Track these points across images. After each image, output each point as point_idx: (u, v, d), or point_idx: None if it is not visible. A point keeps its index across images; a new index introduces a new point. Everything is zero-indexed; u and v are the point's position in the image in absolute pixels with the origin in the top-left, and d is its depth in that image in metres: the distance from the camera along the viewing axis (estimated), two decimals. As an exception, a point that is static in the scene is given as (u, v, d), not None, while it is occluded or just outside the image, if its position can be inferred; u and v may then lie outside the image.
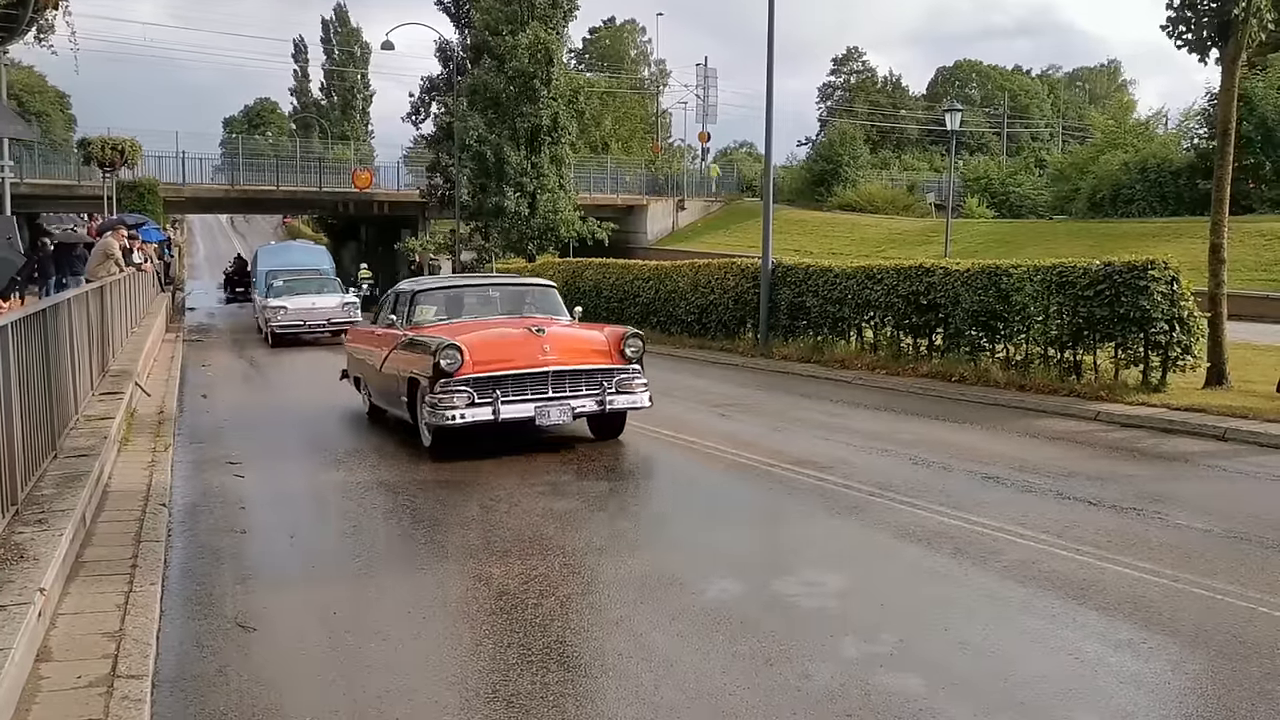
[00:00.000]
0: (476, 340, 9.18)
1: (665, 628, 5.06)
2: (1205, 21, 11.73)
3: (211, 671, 4.62)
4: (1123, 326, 11.78)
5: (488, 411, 8.81)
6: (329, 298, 23.99)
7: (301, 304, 23.29)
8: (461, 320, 10.38)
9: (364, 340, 11.92)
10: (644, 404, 9.51)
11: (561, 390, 9.15)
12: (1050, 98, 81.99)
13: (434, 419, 8.92)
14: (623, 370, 9.42)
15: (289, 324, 22.80)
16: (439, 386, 8.83)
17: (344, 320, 22.51)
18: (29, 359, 6.23)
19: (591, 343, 9.58)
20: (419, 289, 11.02)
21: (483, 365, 8.89)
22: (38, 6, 11.75)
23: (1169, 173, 38.38)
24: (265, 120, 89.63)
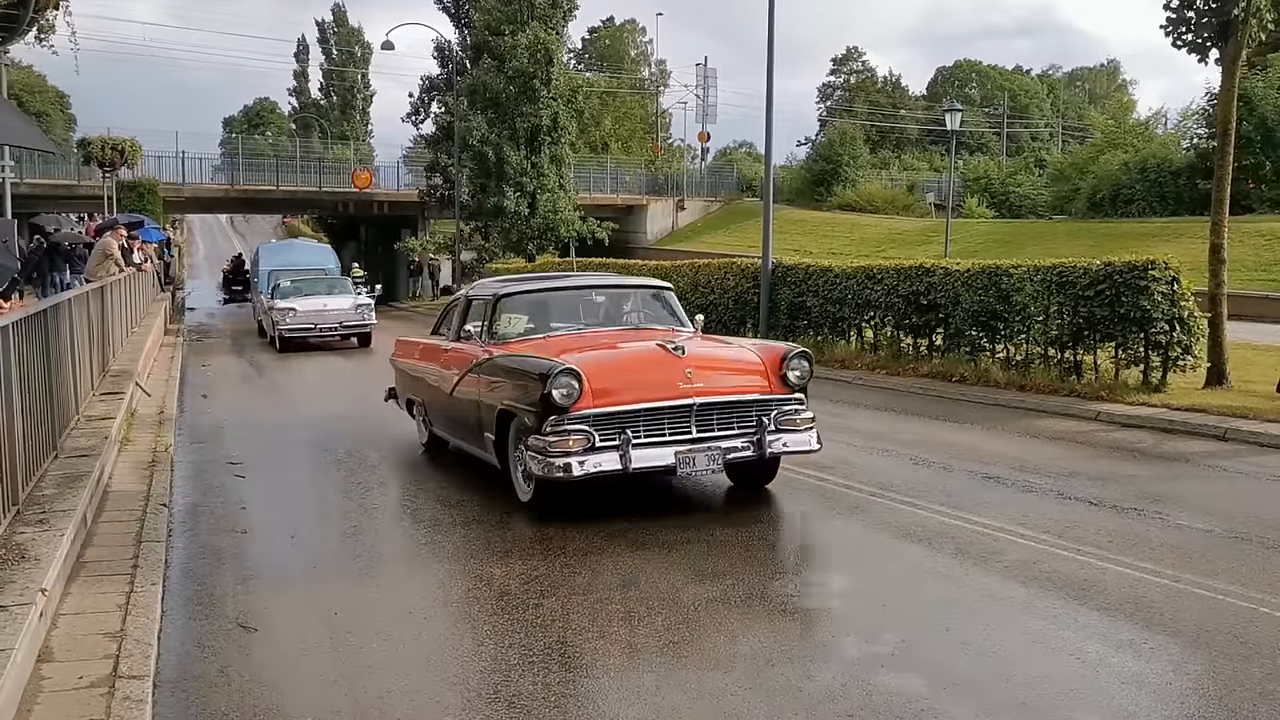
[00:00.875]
0: (598, 363, 7.08)
1: (666, 628, 5.05)
2: (1205, 22, 11.73)
3: (213, 672, 4.62)
4: (1123, 326, 11.78)
5: (614, 459, 6.70)
6: (341, 299, 22.23)
7: (312, 306, 21.46)
8: (562, 333, 8.18)
9: (424, 357, 9.59)
10: (811, 446, 7.44)
11: (708, 428, 7.08)
12: (1050, 98, 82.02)
13: (541, 468, 6.75)
14: (784, 401, 7.34)
15: (299, 327, 21.15)
16: (550, 426, 6.70)
17: (357, 323, 21.54)
18: (30, 359, 6.23)
19: (745, 365, 7.48)
20: (504, 292, 8.53)
21: (607, 397, 6.81)
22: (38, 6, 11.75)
23: (1169, 173, 38.40)
24: (265, 120, 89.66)
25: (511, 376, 7.35)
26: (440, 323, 10.15)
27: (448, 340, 9.10)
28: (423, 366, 9.52)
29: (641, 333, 8.20)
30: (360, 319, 21.56)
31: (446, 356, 8.82)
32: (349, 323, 21.56)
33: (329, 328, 21.44)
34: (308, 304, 21.42)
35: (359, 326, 21.57)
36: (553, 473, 6.71)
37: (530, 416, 6.91)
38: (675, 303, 8.87)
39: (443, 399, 8.72)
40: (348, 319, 21.57)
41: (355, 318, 21.57)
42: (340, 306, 21.68)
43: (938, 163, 61.97)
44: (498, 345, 7.95)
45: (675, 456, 6.89)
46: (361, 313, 21.64)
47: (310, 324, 21.19)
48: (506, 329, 8.21)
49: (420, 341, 10.16)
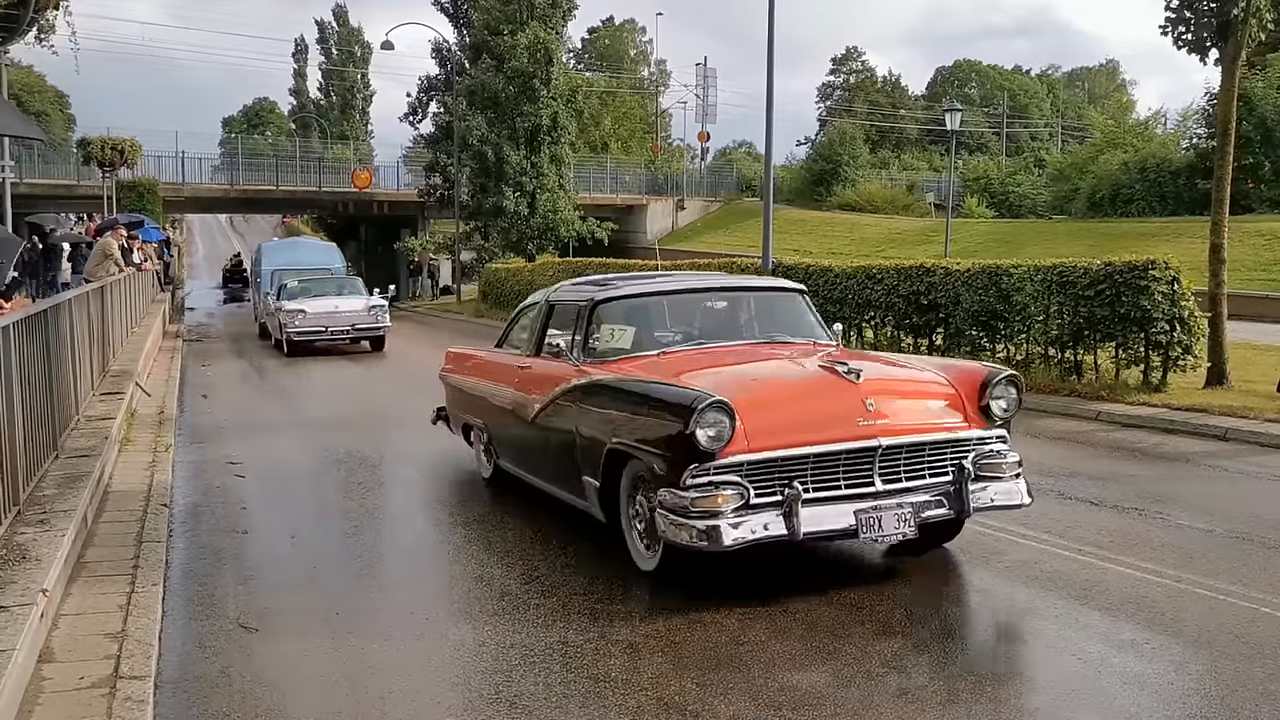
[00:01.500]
0: (753, 393, 5.49)
1: (668, 627, 5.05)
2: (1205, 21, 11.72)
3: (214, 672, 4.62)
4: (1123, 326, 11.78)
5: (776, 521, 5.17)
6: (353, 300, 20.94)
7: (322, 307, 20.16)
8: (680, 349, 6.51)
9: (490, 374, 8.00)
10: (1023, 499, 5.80)
11: (894, 477, 5.49)
12: (1049, 98, 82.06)
13: (678, 532, 5.19)
14: (983, 440, 5.74)
15: (308, 329, 19.87)
16: (690, 476, 5.14)
17: (370, 326, 20.30)
18: (30, 359, 6.23)
19: (934, 392, 5.86)
20: (602, 297, 6.80)
21: (767, 437, 5.25)
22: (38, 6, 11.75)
23: (1168, 173, 38.43)
24: (264, 120, 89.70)
25: (631, 408, 5.71)
26: (508, 332, 8.40)
27: (523, 355, 7.48)
28: (487, 386, 7.95)
29: (778, 348, 6.57)
30: (374, 321, 20.35)
31: (524, 376, 7.21)
32: (361, 325, 20.30)
33: (340, 330, 20.12)
34: (318, 305, 20.23)
35: (372, 329, 20.39)
36: (694, 539, 5.12)
37: (660, 462, 5.33)
38: (811, 309, 7.23)
39: (517, 428, 7.21)
40: (360, 321, 20.29)
41: (368, 320, 20.31)
42: (352, 308, 20.44)
43: (937, 163, 61.99)
44: (598, 364, 6.37)
45: (856, 516, 5.30)
46: (375, 315, 20.39)
47: (321, 326, 19.92)
48: (608, 343, 6.55)
49: (481, 355, 8.64)
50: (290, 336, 19.88)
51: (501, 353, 8.16)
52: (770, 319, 7.13)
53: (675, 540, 5.24)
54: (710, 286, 7.42)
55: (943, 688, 4.32)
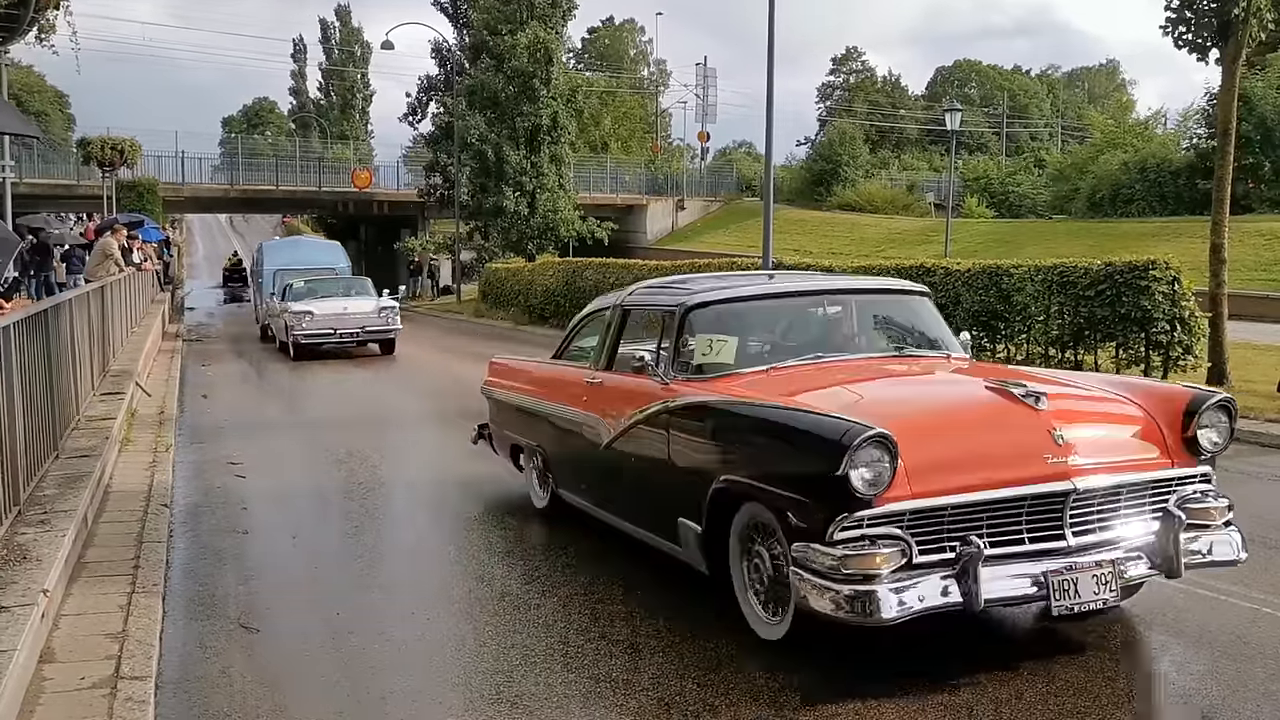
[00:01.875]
0: (916, 423, 4.47)
1: (670, 628, 5.04)
2: (1205, 22, 11.73)
3: (215, 672, 4.62)
4: (1124, 326, 11.78)
5: (949, 585, 4.17)
6: (362, 301, 20.06)
7: (330, 309, 19.26)
8: (794, 363, 5.46)
9: (549, 389, 6.96)
10: (1239, 554, 4.79)
11: (1087, 528, 4.48)
12: (1049, 98, 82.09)
13: (822, 598, 4.18)
14: (1188, 479, 4.74)
15: (316, 332, 18.97)
16: (840, 527, 4.18)
17: (380, 328, 19.50)
18: (31, 359, 6.23)
19: (1127, 419, 4.81)
20: (696, 301, 5.69)
21: (934, 478, 4.26)
22: (39, 6, 11.76)
23: (1168, 173, 38.45)
24: (264, 120, 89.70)
25: (752, 438, 4.78)
26: (569, 342, 7.33)
27: (590, 368, 6.42)
28: (546, 403, 6.89)
29: (910, 363, 5.65)
30: (384, 323, 19.53)
31: (594, 393, 6.18)
32: (371, 327, 19.48)
33: (349, 333, 19.26)
34: (326, 307, 19.31)
35: (382, 331, 19.56)
36: (843, 609, 4.12)
37: (797, 510, 4.33)
38: (938, 315, 6.16)
39: (584, 454, 6.25)
40: (370, 323, 19.45)
41: (379, 322, 19.48)
42: (362, 309, 19.59)
43: (937, 162, 62.02)
44: (694, 382, 5.30)
45: (1045, 579, 4.26)
46: (385, 316, 19.59)
47: (329, 329, 19.04)
48: (706, 357, 5.42)
49: (536, 366, 7.61)
50: (297, 339, 18.96)
51: (562, 365, 7.10)
52: (895, 327, 6.10)
53: (816, 608, 4.20)
54: (823, 289, 6.30)
55: (940, 685, 4.32)
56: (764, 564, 4.67)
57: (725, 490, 4.78)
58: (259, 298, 26.55)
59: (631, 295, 6.45)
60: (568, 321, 27.26)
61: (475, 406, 11.41)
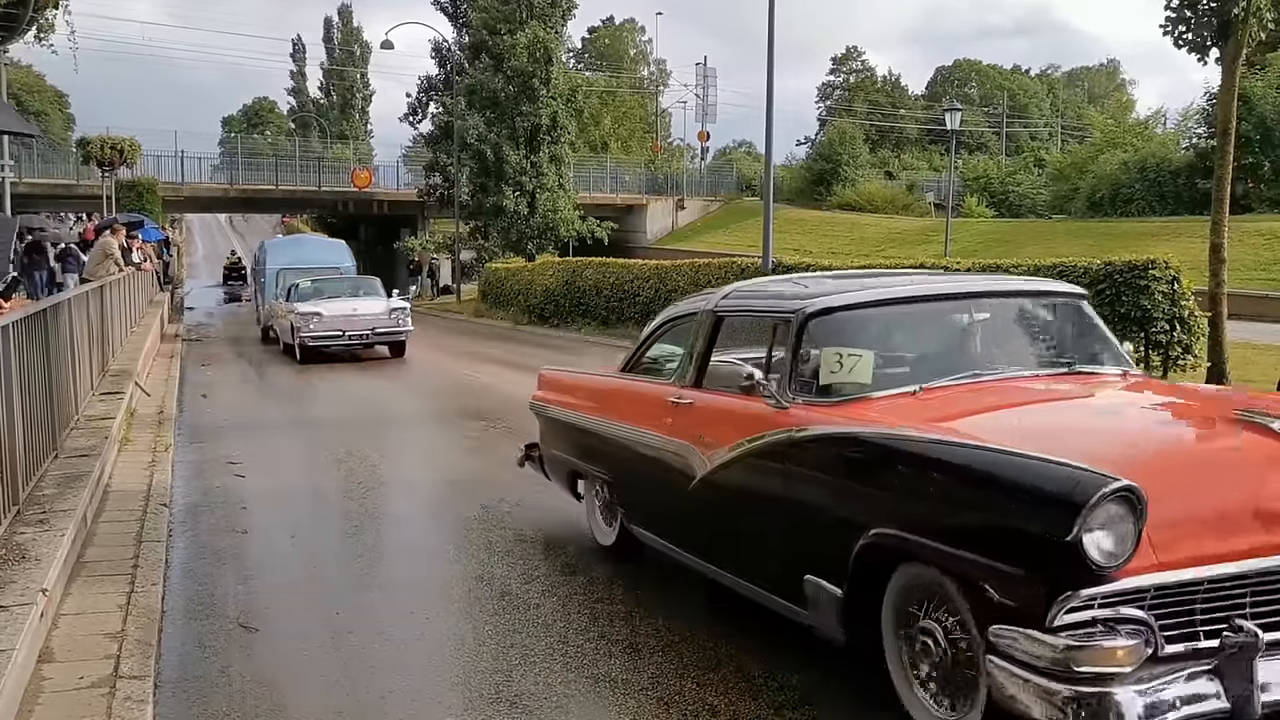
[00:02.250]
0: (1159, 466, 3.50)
1: (670, 628, 5.04)
2: (1205, 21, 11.72)
3: (214, 672, 4.62)
4: (1123, 326, 11.74)
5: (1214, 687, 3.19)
6: (372, 302, 19.36)
7: (339, 309, 18.55)
8: (953, 383, 4.47)
9: (618, 407, 5.93)
10: None
11: None
12: (1049, 97, 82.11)
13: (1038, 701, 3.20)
14: None
15: (324, 334, 18.25)
16: (1065, 608, 3.19)
17: (390, 330, 18.68)
18: (30, 358, 6.22)
19: None
20: (815, 307, 4.62)
21: (1185, 543, 3.30)
22: (38, 6, 11.77)
23: (1168, 172, 38.46)
24: (264, 120, 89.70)
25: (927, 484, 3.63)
26: (642, 351, 6.17)
27: (673, 384, 5.39)
28: (615, 425, 5.86)
29: (1086, 381, 4.67)
30: (394, 325, 18.67)
31: (681, 415, 5.18)
32: (382, 329, 18.61)
33: (359, 335, 18.46)
34: (334, 308, 18.59)
35: (392, 333, 18.72)
36: (1064, 717, 3.13)
37: (997, 582, 3.34)
38: (1099, 322, 5.11)
39: (672, 488, 5.17)
40: (380, 325, 18.62)
41: (389, 323, 18.63)
42: (372, 311, 18.80)
43: (937, 162, 62.02)
44: (821, 405, 4.31)
45: None
46: (396, 318, 18.74)
47: (337, 331, 18.27)
48: (837, 374, 4.37)
49: (601, 380, 6.55)
50: (304, 341, 18.24)
51: (634, 379, 6.04)
52: (1056, 337, 5.13)
53: (1026, 711, 3.23)
54: (970, 290, 5.14)
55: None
56: (935, 644, 3.65)
57: (878, 546, 3.79)
58: (261, 298, 25.80)
59: (728, 298, 5.34)
60: (568, 321, 27.02)
61: (474, 405, 11.45)
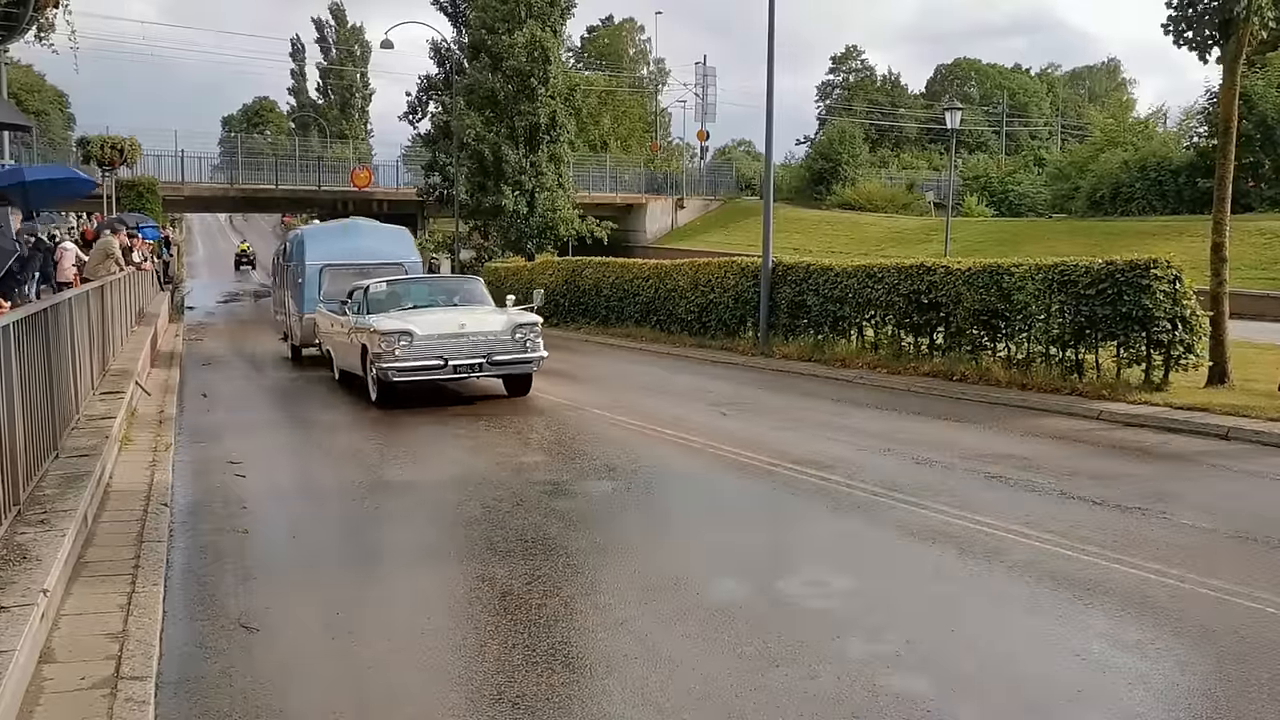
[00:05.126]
0: None
1: (670, 629, 5.04)
2: (1206, 20, 11.72)
3: (215, 672, 4.60)
4: (1125, 325, 11.77)
5: None
6: (484, 314, 13.09)
7: (438, 327, 12.35)
8: None
9: None
10: None
11: None
12: (1049, 96, 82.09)
13: None
14: None
15: (418, 364, 12.05)
16: None
17: (514, 356, 12.42)
18: (30, 359, 6.21)
19: None
20: None
21: None
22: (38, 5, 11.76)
23: (1169, 171, 38.46)
24: (264, 119, 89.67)
25: None
26: None
27: None
28: None
29: None
30: (521, 349, 12.50)
31: None
32: (502, 355, 12.38)
33: (469, 363, 12.26)
34: (430, 323, 12.42)
35: (518, 361, 12.52)
36: None
37: None
38: None
39: None
40: (500, 348, 12.38)
41: (512, 347, 12.46)
42: (487, 327, 12.53)
43: (937, 161, 62.04)
44: None
45: None
46: (524, 338, 12.55)
47: (437, 358, 12.10)
48: None
49: None
50: (386, 375, 12.03)
51: None
52: None
53: None
54: None
55: (943, 686, 4.31)
56: None
57: None
58: (293, 304, 18.16)
59: None
60: (567, 320, 26.94)
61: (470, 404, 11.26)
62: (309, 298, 17.12)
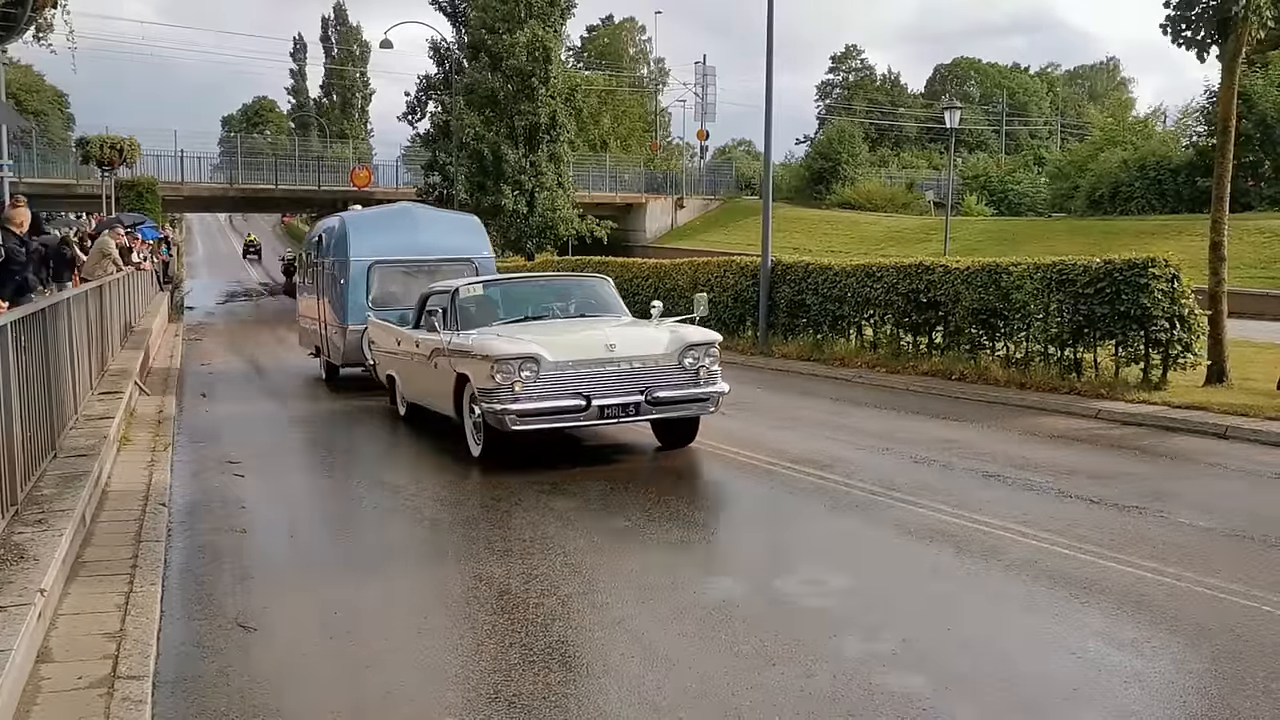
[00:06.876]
0: None
1: (667, 628, 5.04)
2: (1205, 20, 11.72)
3: (212, 672, 4.61)
4: (1123, 324, 11.77)
5: None
6: (633, 328, 9.54)
7: (578, 349, 8.79)
8: None
9: None
10: None
11: None
12: (1049, 95, 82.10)
13: None
14: None
15: (549, 405, 8.49)
16: None
17: (685, 394, 8.90)
18: (28, 358, 6.21)
19: None
20: None
21: None
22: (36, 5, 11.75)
23: (1168, 170, 38.47)
24: (264, 119, 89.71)
25: None
26: None
27: None
28: None
29: None
30: (692, 382, 8.92)
31: None
32: (668, 391, 8.81)
33: (620, 403, 8.64)
34: (566, 344, 8.85)
35: (689, 400, 8.98)
36: None
37: None
38: None
39: None
40: (663, 380, 8.82)
41: (681, 379, 8.89)
42: (645, 350, 8.91)
43: (936, 160, 62.03)
44: None
45: None
46: (695, 366, 8.92)
47: (577, 395, 8.53)
48: None
49: None
50: (505, 420, 8.40)
51: None
52: None
53: None
54: None
55: (939, 684, 4.32)
56: None
57: None
58: (330, 310, 14.71)
59: None
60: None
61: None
62: (354, 304, 13.61)
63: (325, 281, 14.99)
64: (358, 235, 14.47)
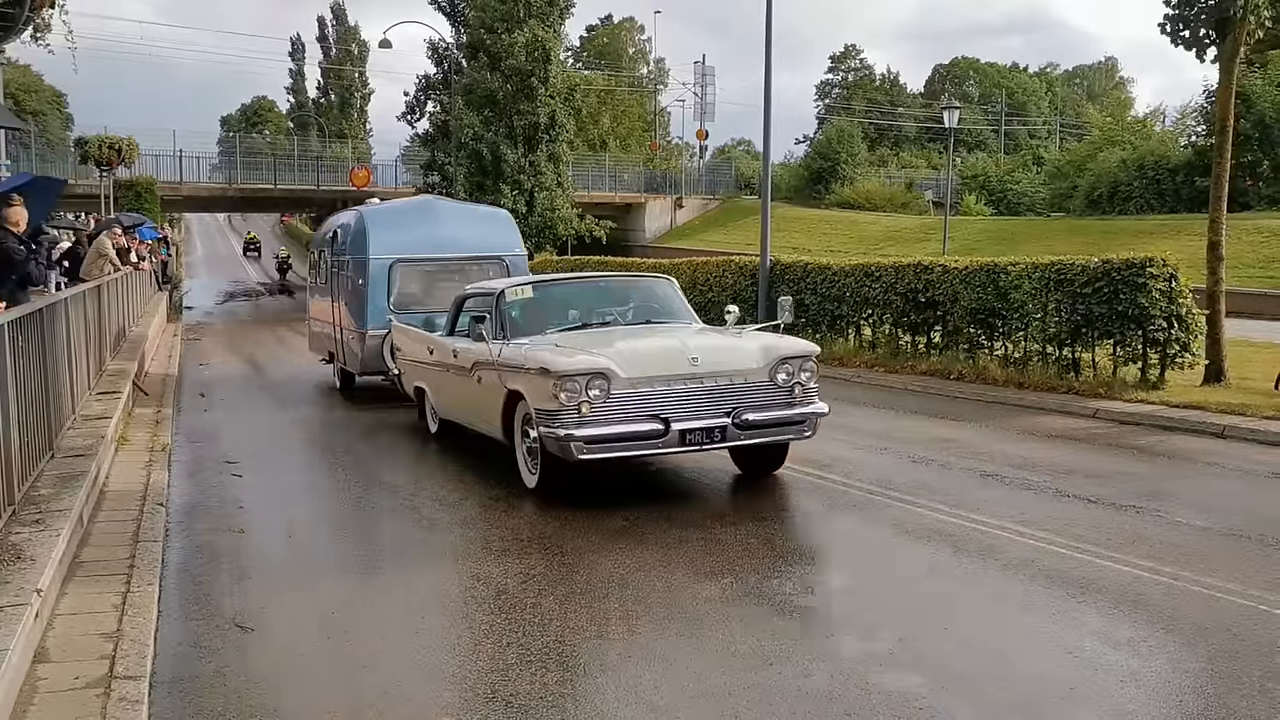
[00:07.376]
0: None
1: (664, 627, 5.04)
2: (1203, 19, 11.73)
3: (209, 672, 4.61)
4: (1121, 324, 11.77)
5: None
6: (714, 338, 8.32)
7: (654, 363, 7.35)
8: None
9: None
10: None
11: None
12: (1048, 95, 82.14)
13: None
14: None
15: (623, 430, 7.13)
16: None
17: (779, 416, 7.59)
18: (26, 358, 6.21)
19: None
20: None
21: None
22: (34, 5, 11.75)
23: (1166, 170, 38.48)
24: (263, 119, 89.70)
25: None
26: None
27: None
28: None
29: None
30: (786, 401, 7.65)
31: None
32: (758, 412, 7.47)
33: (703, 427, 7.29)
34: (640, 357, 7.43)
35: (783, 423, 7.68)
36: None
37: None
38: None
39: None
40: (753, 399, 7.49)
41: (773, 397, 7.61)
42: (731, 364, 7.57)
43: (935, 160, 62.04)
44: None
45: None
46: (789, 382, 7.66)
47: (653, 417, 7.19)
48: None
49: None
50: (571, 447, 7.05)
51: None
52: None
53: None
54: None
55: (936, 683, 4.32)
56: None
57: None
58: (346, 314, 13.35)
59: None
60: (566, 320, 26.15)
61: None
62: (375, 307, 12.36)
63: (340, 282, 13.62)
64: (376, 230, 13.08)
